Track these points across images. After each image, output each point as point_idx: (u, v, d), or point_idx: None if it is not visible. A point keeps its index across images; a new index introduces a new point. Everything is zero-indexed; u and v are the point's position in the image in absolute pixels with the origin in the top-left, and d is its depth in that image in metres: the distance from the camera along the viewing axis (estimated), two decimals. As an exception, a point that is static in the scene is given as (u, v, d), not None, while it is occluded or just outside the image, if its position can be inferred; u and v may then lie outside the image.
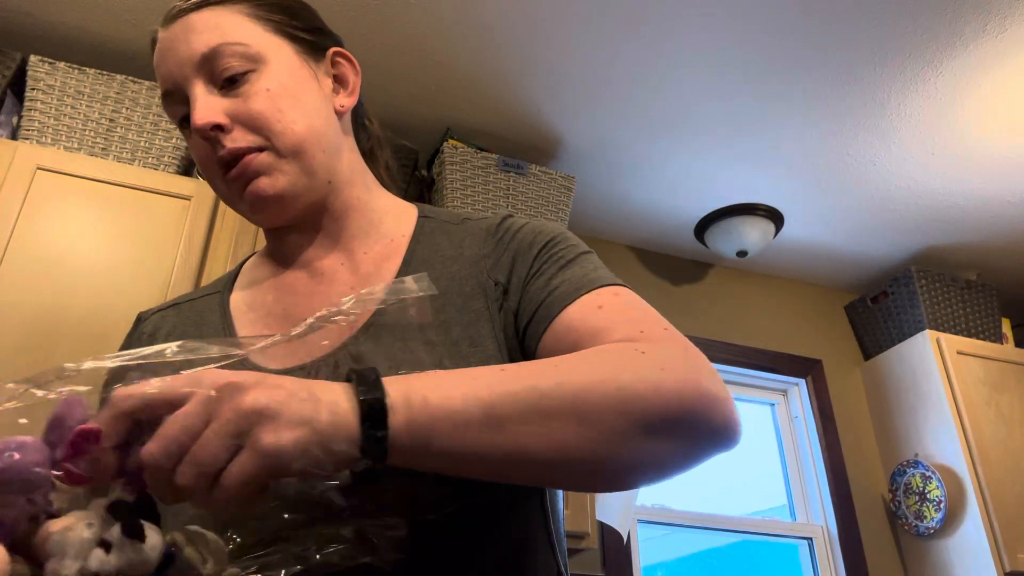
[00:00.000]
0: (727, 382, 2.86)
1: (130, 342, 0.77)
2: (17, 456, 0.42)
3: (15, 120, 1.94)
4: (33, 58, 1.88)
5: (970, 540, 2.45)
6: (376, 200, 0.76)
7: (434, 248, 0.72)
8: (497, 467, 0.50)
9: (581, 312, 0.61)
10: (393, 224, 0.75)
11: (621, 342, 0.57)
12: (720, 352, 2.80)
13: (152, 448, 0.43)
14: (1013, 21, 1.96)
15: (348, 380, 0.49)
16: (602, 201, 2.68)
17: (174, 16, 0.70)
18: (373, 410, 0.46)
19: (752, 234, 2.68)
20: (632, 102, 2.25)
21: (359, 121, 0.81)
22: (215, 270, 1.82)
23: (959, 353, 2.71)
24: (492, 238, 0.71)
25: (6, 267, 1.65)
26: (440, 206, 2.21)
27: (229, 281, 0.78)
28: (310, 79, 0.72)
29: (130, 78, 1.95)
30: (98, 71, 1.92)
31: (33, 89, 1.86)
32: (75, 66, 1.90)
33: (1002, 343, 2.90)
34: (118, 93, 1.93)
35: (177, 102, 0.69)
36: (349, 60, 0.77)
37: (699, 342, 2.77)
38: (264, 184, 0.67)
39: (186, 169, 1.99)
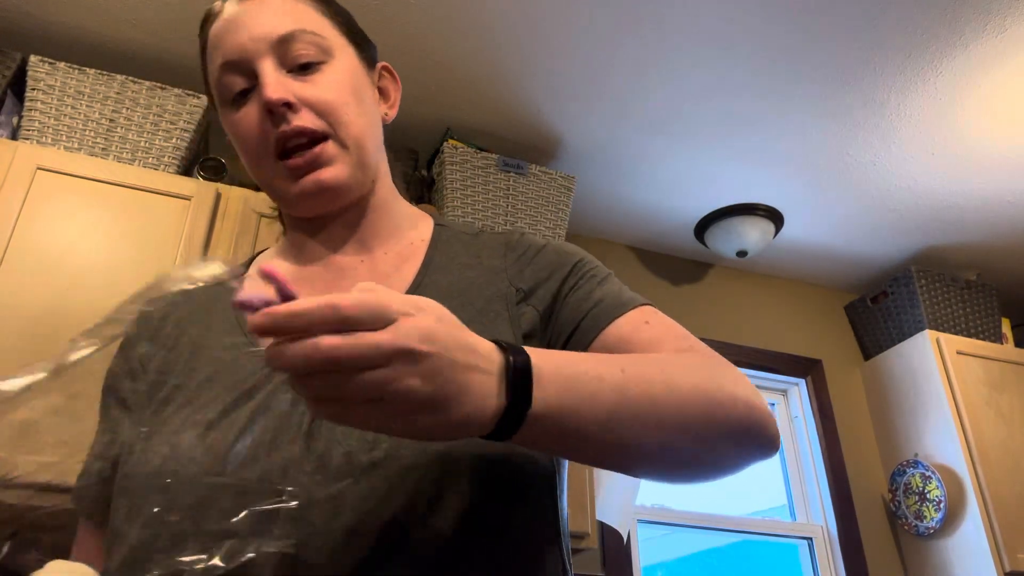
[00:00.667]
0: (727, 382, 2.87)
1: (138, 319, 0.75)
2: None
3: (15, 120, 1.94)
4: (33, 58, 1.88)
5: (970, 540, 2.45)
6: (399, 205, 0.79)
7: (451, 255, 0.74)
8: (602, 458, 0.55)
9: (631, 325, 0.67)
10: (411, 229, 0.77)
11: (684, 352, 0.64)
12: (720, 352, 2.79)
13: (331, 343, 0.41)
14: (1013, 21, 1.96)
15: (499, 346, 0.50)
16: (602, 201, 2.69)
17: None
18: (518, 404, 0.48)
19: (752, 234, 2.68)
20: (632, 102, 2.25)
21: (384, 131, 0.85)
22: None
23: (959, 353, 2.71)
24: (512, 252, 0.74)
25: (6, 267, 1.65)
26: (440, 206, 2.21)
27: (243, 268, 0.78)
28: (368, 84, 0.75)
29: (130, 78, 1.95)
30: (98, 71, 1.92)
31: (33, 89, 1.86)
32: (75, 66, 1.90)
33: (1002, 343, 2.90)
34: (118, 93, 1.93)
35: (236, 73, 0.69)
36: (393, 75, 0.81)
37: (699, 342, 2.77)
38: (328, 174, 0.68)
39: (186, 169, 1.99)
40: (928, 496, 2.56)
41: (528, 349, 0.50)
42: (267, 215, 0.91)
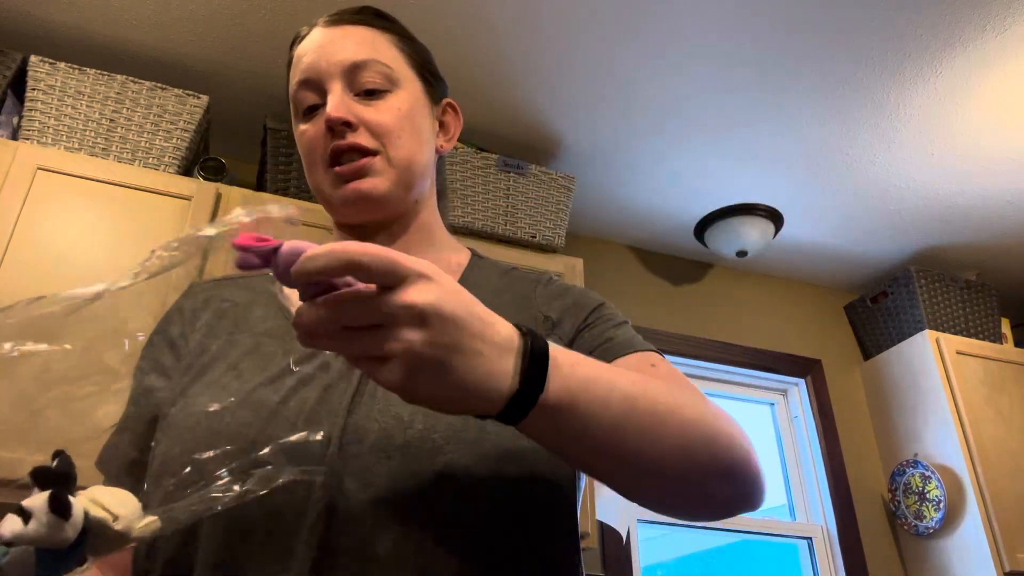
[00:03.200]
0: (727, 382, 2.87)
1: (172, 311, 0.82)
2: None
3: (16, 120, 1.94)
4: (33, 58, 1.88)
5: (969, 540, 2.45)
6: (441, 231, 0.86)
7: (485, 279, 0.80)
8: (599, 465, 0.55)
9: (637, 366, 0.68)
10: (451, 253, 0.84)
11: None
12: (720, 352, 2.80)
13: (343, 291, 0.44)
14: (1013, 21, 1.96)
15: (522, 333, 0.50)
16: (602, 201, 2.69)
17: (339, 20, 0.79)
18: (531, 387, 0.48)
19: (752, 234, 2.68)
20: (632, 102, 2.25)
21: (441, 165, 0.91)
22: (215, 270, 1.82)
23: (959, 353, 2.71)
24: (542, 286, 0.79)
25: (6, 267, 1.65)
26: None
27: None
28: (428, 115, 0.82)
29: (130, 78, 1.95)
30: (98, 71, 1.92)
31: (34, 89, 1.86)
32: (75, 66, 1.90)
33: (1002, 343, 2.90)
34: (118, 93, 1.93)
35: (310, 90, 0.77)
36: (456, 111, 0.89)
37: (699, 342, 2.77)
38: (368, 184, 0.75)
39: (186, 169, 1.99)
40: (928, 496, 2.57)
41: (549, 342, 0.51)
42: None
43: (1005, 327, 2.97)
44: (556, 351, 0.50)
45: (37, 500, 0.44)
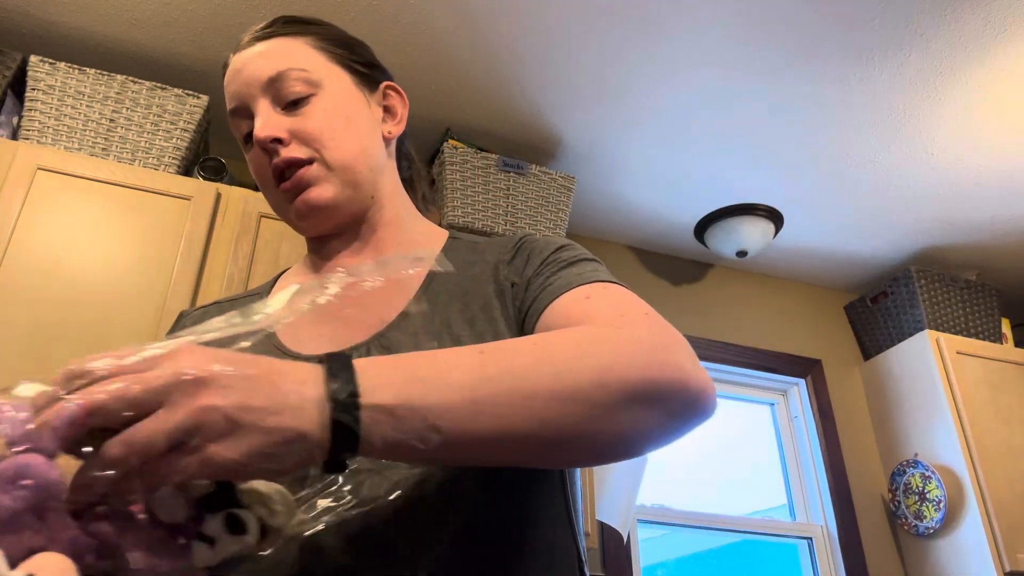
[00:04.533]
0: (727, 382, 2.87)
1: (174, 326, 0.82)
2: (31, 482, 0.40)
3: (15, 120, 1.94)
4: (33, 58, 1.88)
5: (969, 540, 2.45)
6: (412, 220, 0.84)
7: (459, 259, 0.77)
8: (485, 451, 0.51)
9: (569, 303, 0.64)
10: (425, 241, 0.82)
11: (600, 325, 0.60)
12: (720, 352, 2.80)
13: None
14: (1013, 20, 1.96)
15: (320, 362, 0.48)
16: (602, 201, 2.69)
17: (248, 42, 0.78)
18: (346, 411, 0.45)
19: (752, 234, 2.68)
20: (632, 102, 2.25)
21: (402, 151, 0.89)
22: (215, 270, 1.82)
23: (959, 353, 2.71)
24: (512, 248, 0.76)
25: (6, 267, 1.65)
26: (440, 206, 2.21)
27: (268, 286, 0.85)
28: (363, 105, 0.80)
29: (130, 78, 1.95)
30: (98, 71, 1.92)
31: (33, 89, 1.86)
32: (75, 66, 1.90)
33: (1002, 343, 2.90)
34: (118, 93, 1.93)
35: (242, 118, 0.77)
36: (399, 93, 0.85)
37: (699, 342, 2.77)
38: (313, 194, 0.74)
39: (186, 169, 1.99)
40: (928, 496, 2.57)
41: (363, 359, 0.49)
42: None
43: (1005, 327, 2.97)
44: (365, 361, 0.48)
45: (212, 525, 0.45)
